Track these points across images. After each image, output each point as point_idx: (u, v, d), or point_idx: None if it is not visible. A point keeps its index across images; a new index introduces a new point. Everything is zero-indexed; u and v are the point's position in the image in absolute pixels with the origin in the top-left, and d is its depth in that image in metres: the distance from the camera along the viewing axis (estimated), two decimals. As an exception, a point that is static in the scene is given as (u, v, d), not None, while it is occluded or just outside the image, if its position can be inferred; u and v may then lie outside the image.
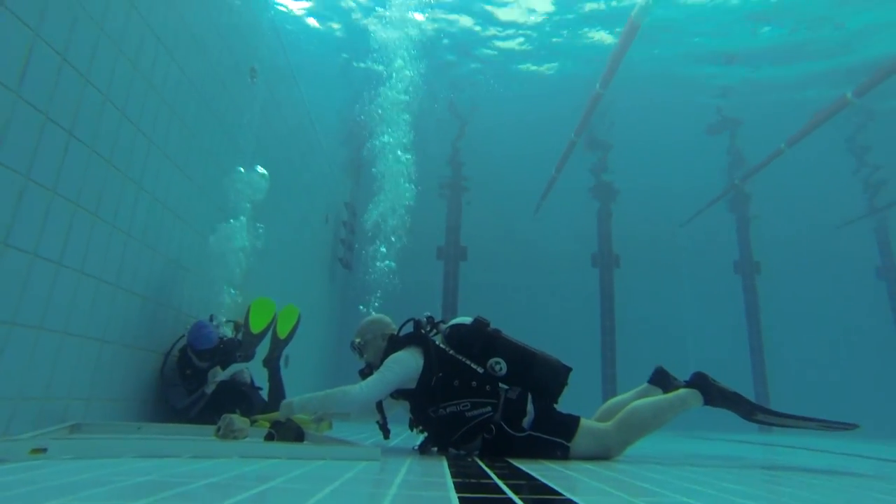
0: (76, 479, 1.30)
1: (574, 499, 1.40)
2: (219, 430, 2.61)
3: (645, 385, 2.94)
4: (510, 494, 1.43)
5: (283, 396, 4.08)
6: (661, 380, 2.92)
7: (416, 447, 2.71)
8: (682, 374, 2.96)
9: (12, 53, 2.12)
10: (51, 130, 2.35)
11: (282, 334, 4.57)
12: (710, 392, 2.71)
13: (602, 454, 2.61)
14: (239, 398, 3.55)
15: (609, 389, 10.13)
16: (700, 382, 2.75)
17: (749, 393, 2.82)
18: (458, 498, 1.31)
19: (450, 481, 1.63)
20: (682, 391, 2.76)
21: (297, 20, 8.49)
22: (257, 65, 4.88)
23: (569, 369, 2.73)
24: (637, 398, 2.82)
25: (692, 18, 8.05)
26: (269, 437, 2.39)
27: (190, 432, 2.88)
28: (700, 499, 1.48)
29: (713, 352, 10.44)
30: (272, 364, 4.40)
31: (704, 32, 8.30)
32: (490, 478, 1.79)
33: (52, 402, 2.50)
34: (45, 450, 1.59)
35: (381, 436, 2.79)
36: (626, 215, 11.77)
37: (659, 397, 2.78)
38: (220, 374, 3.51)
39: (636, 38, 6.52)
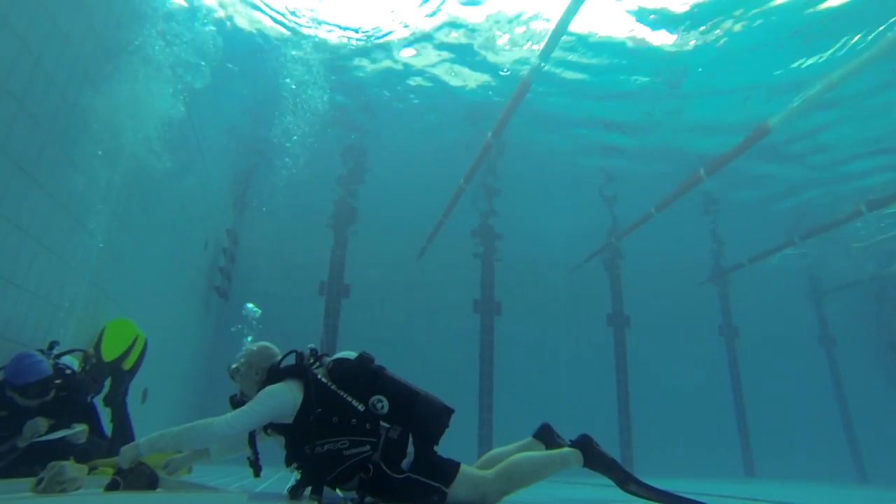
0: None
1: None
2: (40, 482, 2.17)
3: (529, 439, 2.96)
4: None
5: (130, 437, 3.62)
6: (546, 435, 2.95)
7: (287, 490, 2.50)
8: (556, 423, 3.04)
9: None
10: None
11: (126, 365, 4.06)
12: (592, 455, 2.77)
13: (478, 502, 2.57)
14: (70, 447, 2.92)
15: (485, 435, 10.22)
16: (583, 444, 2.81)
17: (614, 450, 2.96)
18: None
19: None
20: (565, 450, 2.81)
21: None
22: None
23: (451, 411, 2.69)
24: (519, 451, 2.83)
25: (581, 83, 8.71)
26: (113, 486, 2.05)
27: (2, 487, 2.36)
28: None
29: (584, 402, 10.94)
30: (115, 400, 3.89)
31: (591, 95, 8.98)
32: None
33: None
34: None
35: (248, 480, 2.55)
36: (510, 262, 12.19)
37: (541, 453, 2.81)
38: (41, 431, 2.85)
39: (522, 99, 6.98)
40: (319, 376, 2.57)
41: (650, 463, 10.18)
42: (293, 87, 8.24)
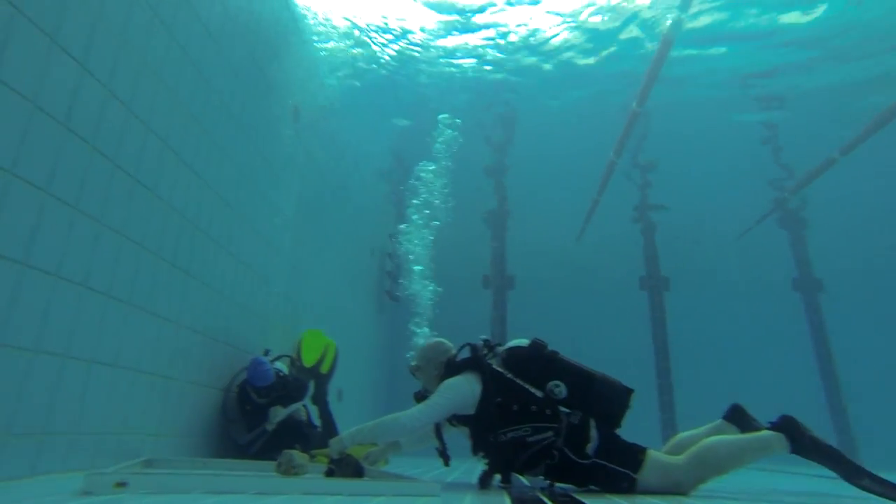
0: None
1: None
2: (279, 466, 2.62)
3: (719, 421, 2.75)
4: None
5: (335, 431, 4.08)
6: (738, 417, 2.71)
7: (477, 480, 2.63)
8: (747, 404, 2.77)
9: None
10: (120, 178, 2.47)
11: (323, 369, 4.59)
12: (801, 441, 2.46)
13: (671, 489, 2.46)
14: (297, 435, 3.56)
15: (668, 419, 9.73)
16: (788, 427, 2.51)
17: (826, 436, 2.58)
18: None
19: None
20: (765, 433, 2.55)
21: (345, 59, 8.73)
22: (300, 104, 5.02)
23: (630, 391, 2.61)
24: (710, 434, 2.65)
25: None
26: (330, 473, 2.37)
27: (252, 468, 2.89)
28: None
29: (776, 379, 9.89)
30: (320, 400, 4.43)
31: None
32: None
33: (128, 436, 2.58)
34: (125, 484, 1.65)
35: (439, 469, 2.74)
36: (674, 234, 11.46)
37: (738, 436, 2.59)
38: (280, 414, 3.54)
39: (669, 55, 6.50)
40: (495, 366, 2.63)
41: (874, 452, 7.47)
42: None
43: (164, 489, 1.70)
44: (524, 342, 2.73)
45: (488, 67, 9.09)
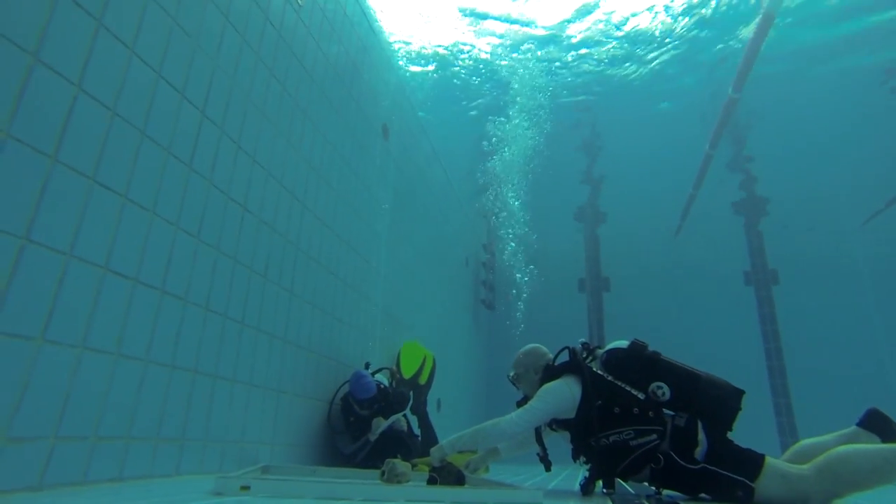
0: None
1: None
2: (383, 474, 2.72)
3: (853, 428, 2.45)
4: None
5: (435, 440, 4.17)
6: (879, 423, 2.41)
7: (579, 485, 2.58)
8: (884, 408, 2.49)
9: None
10: (230, 206, 2.70)
11: (422, 380, 4.70)
12: None
13: (795, 503, 2.23)
14: (398, 445, 3.69)
15: (785, 423, 9.05)
16: None
17: None
18: None
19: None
20: None
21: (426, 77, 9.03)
22: (389, 123, 5.23)
23: (741, 392, 2.44)
24: (841, 443, 2.37)
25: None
26: (432, 481, 2.43)
27: (358, 476, 3.03)
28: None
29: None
30: (420, 410, 4.54)
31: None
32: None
33: (247, 445, 2.80)
34: (249, 487, 1.80)
35: (540, 476, 2.72)
36: (782, 224, 10.66)
37: (881, 446, 2.27)
38: (382, 425, 3.67)
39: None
40: (594, 369, 2.58)
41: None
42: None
43: (282, 494, 1.84)
44: (624, 343, 2.64)
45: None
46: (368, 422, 3.67)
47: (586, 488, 2.48)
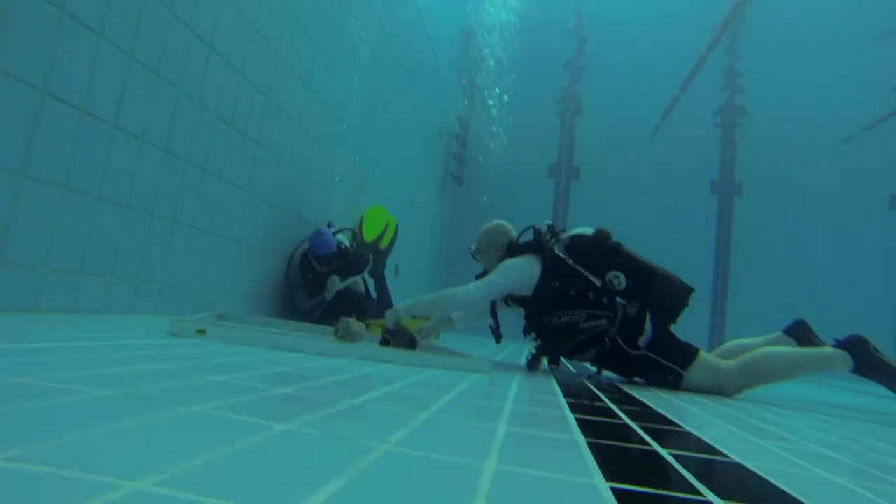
0: (230, 360, 1.51)
1: (694, 432, 1.37)
2: (337, 331, 2.79)
3: (778, 333, 2.72)
4: (626, 420, 1.42)
5: (390, 304, 4.29)
6: (801, 332, 2.67)
7: (525, 361, 2.71)
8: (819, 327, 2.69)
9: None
10: (195, 44, 2.47)
11: (383, 244, 4.73)
12: (868, 361, 2.41)
13: (715, 391, 2.50)
14: (354, 305, 3.77)
15: (717, 324, 9.70)
16: (856, 348, 2.45)
17: None
18: (575, 418, 1.32)
19: (563, 400, 1.65)
20: (827, 349, 2.51)
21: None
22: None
23: (691, 290, 2.59)
24: (765, 345, 2.63)
25: None
26: (385, 343, 2.51)
27: (313, 331, 3.12)
28: (843, 453, 1.37)
29: (849, 305, 9.42)
30: (377, 273, 4.60)
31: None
32: (602, 401, 1.79)
33: (204, 291, 2.82)
34: (204, 332, 1.82)
35: (488, 349, 2.84)
36: (758, 136, 10.65)
37: (798, 349, 2.56)
38: (337, 285, 3.71)
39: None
40: (556, 251, 2.62)
41: None
42: None
43: (237, 340, 1.87)
44: (589, 231, 2.70)
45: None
46: (325, 280, 3.71)
47: (532, 364, 2.60)
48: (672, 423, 1.50)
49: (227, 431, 0.72)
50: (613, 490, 0.71)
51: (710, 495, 0.75)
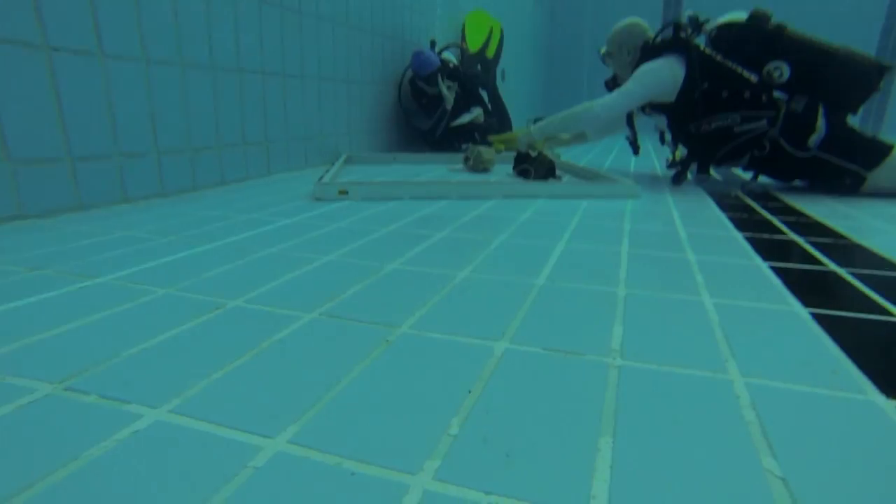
0: (379, 210, 1.65)
1: (872, 247, 1.23)
2: (467, 160, 2.75)
3: None
4: (794, 236, 1.34)
5: (506, 114, 4.06)
6: None
7: (673, 175, 2.43)
8: None
9: None
10: None
11: (489, 53, 4.38)
12: None
13: None
14: (476, 126, 3.62)
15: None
16: None
17: None
18: (744, 237, 1.29)
19: (726, 220, 1.54)
20: None
21: None
22: None
23: (884, 68, 1.99)
24: None
25: None
26: (523, 173, 2.43)
27: (440, 160, 3.10)
28: None
29: None
30: (489, 84, 4.34)
31: None
32: (760, 214, 1.65)
33: (326, 139, 2.83)
34: (346, 192, 1.86)
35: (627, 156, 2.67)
36: None
37: None
38: (463, 118, 3.52)
39: None
40: (702, 47, 2.24)
41: None
42: None
43: (379, 196, 1.89)
44: (741, 15, 2.20)
45: None
46: (440, 99, 3.54)
47: (678, 177, 2.38)
48: (840, 235, 1.38)
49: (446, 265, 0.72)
50: (813, 315, 0.78)
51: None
